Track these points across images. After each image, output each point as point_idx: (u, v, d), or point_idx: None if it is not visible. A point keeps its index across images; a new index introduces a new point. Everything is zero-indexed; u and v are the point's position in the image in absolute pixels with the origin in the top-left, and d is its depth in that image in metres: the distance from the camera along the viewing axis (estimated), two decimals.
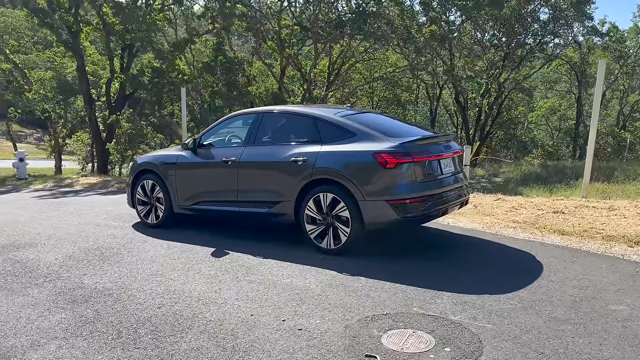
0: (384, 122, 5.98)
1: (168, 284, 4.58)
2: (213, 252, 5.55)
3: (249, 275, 4.76)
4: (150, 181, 6.78)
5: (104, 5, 18.84)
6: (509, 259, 5.26)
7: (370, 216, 5.07)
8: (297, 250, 5.51)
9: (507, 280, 4.57)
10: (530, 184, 20.51)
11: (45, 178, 14.56)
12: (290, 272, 4.85)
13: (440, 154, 5.36)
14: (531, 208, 7.75)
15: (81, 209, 8.65)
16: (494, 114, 32.29)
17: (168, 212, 6.64)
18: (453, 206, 5.52)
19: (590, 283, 4.49)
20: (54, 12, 18.60)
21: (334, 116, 5.54)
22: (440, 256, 5.36)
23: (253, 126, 6.02)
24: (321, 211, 5.33)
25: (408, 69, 27.67)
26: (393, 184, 5.00)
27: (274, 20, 23.47)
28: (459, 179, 5.71)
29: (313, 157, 5.35)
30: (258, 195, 5.82)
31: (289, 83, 32.04)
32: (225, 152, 6.12)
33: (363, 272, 4.77)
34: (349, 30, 22.57)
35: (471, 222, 6.97)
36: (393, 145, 5.03)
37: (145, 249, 5.76)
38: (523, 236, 6.17)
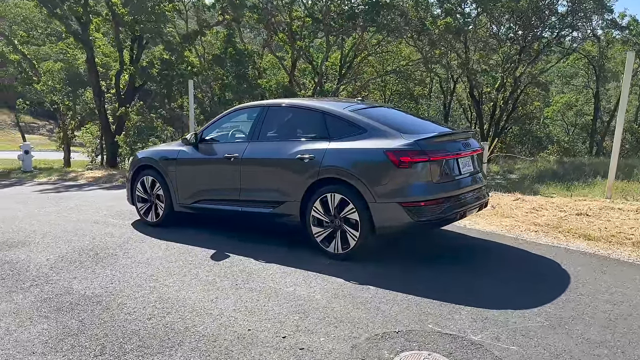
0: (397, 117, 5.58)
1: (162, 291, 4.23)
2: (213, 255, 5.20)
3: (250, 282, 4.40)
4: (150, 177, 6.44)
5: None
6: (531, 268, 4.84)
7: (381, 219, 4.68)
8: (302, 254, 5.15)
9: (531, 292, 4.16)
10: (547, 182, 19.95)
11: (50, 171, 14.32)
12: (293, 279, 4.48)
13: (459, 152, 4.95)
14: (553, 209, 7.30)
15: (82, 204, 8.36)
16: (509, 108, 31.64)
17: (168, 210, 6.31)
18: (471, 209, 5.11)
19: (625, 297, 4.07)
20: (63, 3, 18.35)
21: (343, 110, 5.15)
22: (457, 262, 4.96)
23: (257, 121, 5.65)
24: (328, 213, 4.96)
25: (422, 62, 27.08)
26: (407, 184, 4.60)
27: (285, 12, 23.02)
28: (478, 180, 5.30)
29: (320, 154, 4.97)
30: (261, 194, 5.46)
31: (301, 76, 31.62)
32: (227, 148, 5.76)
33: (372, 281, 4.39)
34: (361, 22, 22.08)
35: (489, 224, 6.55)
36: (407, 143, 4.63)
37: (142, 250, 5.43)
38: (546, 241, 5.75)
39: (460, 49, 28.53)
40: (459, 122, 39.23)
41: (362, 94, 35.32)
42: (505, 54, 29.00)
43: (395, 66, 31.08)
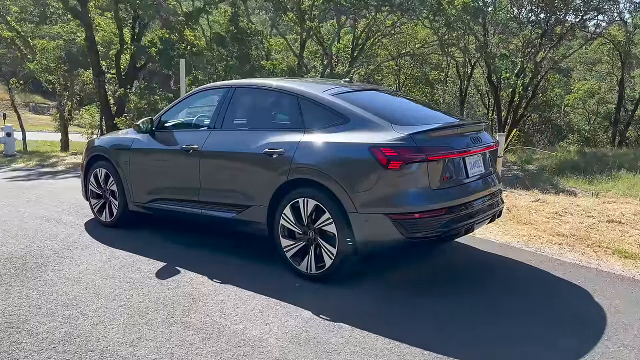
0: (390, 103, 4.53)
1: (75, 324, 3.28)
2: (159, 270, 4.24)
3: (190, 314, 3.43)
4: (103, 170, 5.48)
5: None
6: (555, 299, 3.79)
7: (363, 234, 3.66)
8: (270, 272, 4.17)
9: (556, 340, 3.13)
10: (567, 174, 18.68)
11: (31, 156, 13.46)
12: (248, 310, 3.50)
13: (467, 149, 3.89)
14: (578, 214, 6.21)
15: (45, 195, 7.44)
16: (529, 95, 30.15)
17: (122, 209, 5.35)
18: (481, 221, 4.05)
19: None
20: None
21: (321, 94, 4.10)
22: (461, 290, 3.92)
23: (221, 105, 4.62)
24: (301, 222, 3.95)
25: (437, 45, 25.75)
26: (397, 191, 3.57)
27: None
28: (491, 183, 4.23)
29: (292, 149, 3.95)
30: (223, 195, 4.46)
31: (312, 59, 30.42)
32: (187, 138, 4.76)
33: (349, 315, 3.39)
34: (373, 1, 20.81)
35: (504, 232, 5.49)
36: (399, 137, 3.59)
37: (79, 260, 4.49)
38: (572, 258, 4.68)
39: (479, 32, 27.11)
40: (475, 109, 37.81)
41: (375, 77, 34.09)
42: (525, 37, 27.55)
43: (410, 49, 29.74)
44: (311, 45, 29.48)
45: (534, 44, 27.38)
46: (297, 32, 23.86)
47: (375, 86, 5.32)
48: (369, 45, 27.31)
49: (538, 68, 28.15)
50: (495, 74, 28.63)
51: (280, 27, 25.99)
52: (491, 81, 29.14)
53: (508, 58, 28.56)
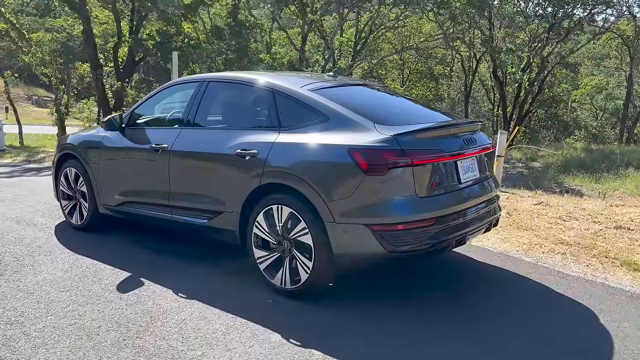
0: (376, 100, 4.13)
1: (14, 347, 2.92)
2: (122, 282, 3.87)
3: (145, 336, 3.06)
4: (73, 169, 5.12)
5: None
6: (556, 321, 3.39)
7: (342, 246, 3.28)
8: (241, 286, 3.79)
9: None
10: (573, 172, 18.23)
11: (20, 151, 13.14)
12: (210, 332, 3.12)
13: (459, 152, 3.49)
14: (584, 219, 5.80)
15: (22, 194, 7.10)
16: (535, 90, 29.58)
17: (93, 211, 4.99)
18: (475, 231, 3.66)
19: None
20: None
21: (299, 90, 3.70)
22: (450, 309, 3.53)
23: (193, 100, 4.23)
24: (275, 231, 3.57)
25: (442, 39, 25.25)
26: (379, 199, 3.18)
27: None
28: (487, 189, 3.83)
29: (265, 150, 3.56)
30: (194, 200, 4.08)
31: (314, 52, 29.96)
32: (157, 136, 4.38)
33: (323, 339, 3.02)
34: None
35: (502, 239, 5.09)
36: (382, 139, 3.19)
37: (39, 269, 4.13)
38: (576, 270, 4.28)
39: (484, 26, 26.55)
40: (480, 104, 37.27)
41: (378, 72, 33.58)
42: (532, 32, 26.99)
43: (414, 43, 29.21)
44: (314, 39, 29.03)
45: (541, 38, 26.83)
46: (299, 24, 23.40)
47: (363, 81, 4.91)
48: (372, 39, 26.84)
49: (545, 63, 27.61)
50: (501, 69, 28.10)
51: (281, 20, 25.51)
52: (496, 76, 28.60)
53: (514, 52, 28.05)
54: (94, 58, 18.81)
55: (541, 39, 26.62)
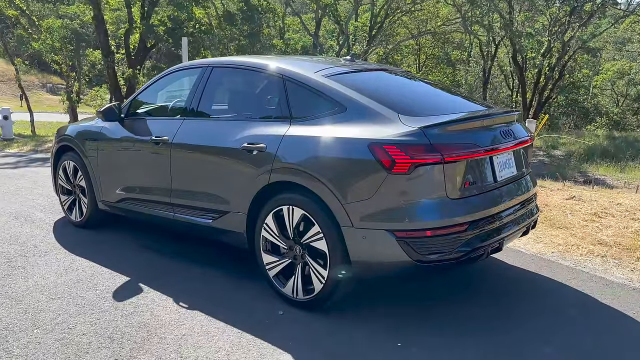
0: (399, 87, 3.69)
1: None
2: (119, 288, 3.54)
3: (139, 355, 2.71)
4: (72, 162, 4.79)
5: None
6: (605, 341, 2.97)
7: (361, 253, 2.89)
8: (250, 295, 3.43)
9: None
10: (597, 161, 17.61)
11: (27, 140, 12.90)
12: (211, 351, 2.76)
13: (495, 146, 3.06)
14: (621, 216, 5.34)
15: (25, 187, 6.81)
16: (555, 76, 28.72)
17: (92, 208, 4.66)
18: (512, 235, 3.24)
19: None
20: None
21: (312, 75, 3.29)
22: (480, 326, 3.13)
23: (196, 88, 3.85)
24: (286, 235, 3.20)
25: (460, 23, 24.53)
26: (404, 201, 2.77)
27: None
28: (525, 188, 3.40)
29: (275, 143, 3.17)
30: (197, 198, 3.72)
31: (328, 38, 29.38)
32: (158, 127, 4.01)
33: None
34: None
35: (536, 239, 4.66)
36: (408, 132, 2.78)
37: (32, 272, 3.81)
38: (620, 276, 3.85)
39: (504, 9, 25.73)
40: (499, 90, 36.43)
41: (394, 57, 32.89)
42: (553, 15, 26.13)
43: (431, 27, 28.47)
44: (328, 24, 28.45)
45: (562, 22, 25.96)
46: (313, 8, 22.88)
47: (383, 66, 4.46)
48: (387, 23, 26.18)
49: (565, 48, 26.74)
50: (521, 54, 27.31)
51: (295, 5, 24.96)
52: (516, 61, 27.81)
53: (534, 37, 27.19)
54: (106, 45, 18.51)
55: (562, 22, 25.75)
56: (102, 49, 18.93)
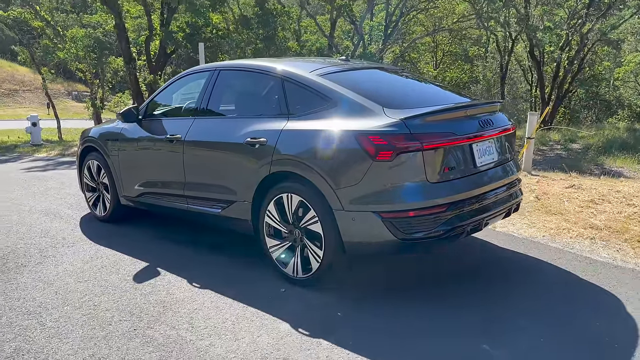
0: (388, 84, 4.00)
1: (30, 337, 2.99)
2: (139, 272, 3.92)
3: (156, 326, 3.08)
4: (95, 162, 5.21)
5: None
6: (580, 310, 3.23)
7: (351, 234, 3.21)
8: (256, 276, 3.77)
9: None
10: (614, 153, 17.52)
11: (54, 145, 13.53)
12: (220, 322, 3.11)
13: (474, 134, 3.35)
14: (617, 202, 5.53)
15: (53, 187, 7.29)
16: (574, 69, 28.47)
17: (115, 203, 5.06)
18: (493, 217, 3.52)
19: None
20: None
21: (307, 75, 3.62)
22: (466, 301, 3.41)
23: (205, 89, 4.22)
24: (286, 220, 3.53)
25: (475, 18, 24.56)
26: (388, 185, 3.08)
27: None
28: (507, 172, 3.68)
29: (274, 137, 3.51)
30: (207, 189, 4.08)
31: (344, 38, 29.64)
32: (172, 126, 4.39)
33: (330, 329, 2.97)
34: None
35: (529, 224, 4.91)
36: (390, 123, 3.09)
37: (61, 260, 4.22)
38: (605, 256, 4.08)
39: (520, 4, 25.66)
40: (518, 85, 36.20)
41: (411, 55, 33.01)
42: (571, 8, 25.92)
43: (447, 24, 28.53)
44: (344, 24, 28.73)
45: (580, 14, 25.75)
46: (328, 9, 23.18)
47: (377, 64, 4.78)
48: (403, 22, 26.35)
49: (584, 40, 26.51)
50: (538, 48, 27.16)
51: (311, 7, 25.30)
52: (533, 56, 27.65)
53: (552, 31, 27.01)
54: (127, 52, 19.13)
55: (580, 15, 25.55)
56: (124, 57, 19.57)
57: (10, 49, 44.64)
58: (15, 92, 49.41)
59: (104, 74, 20.17)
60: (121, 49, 19.59)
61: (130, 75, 19.13)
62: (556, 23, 26.23)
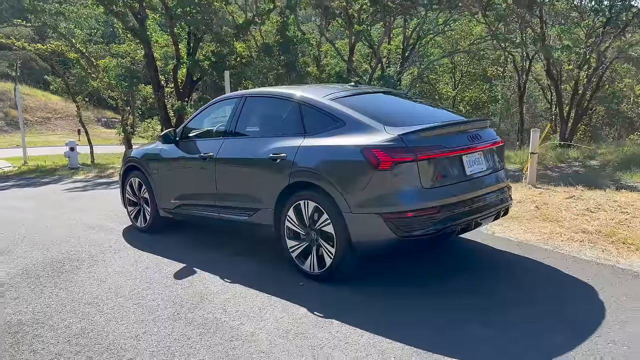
0: (389, 105, 4.60)
1: (91, 320, 3.61)
2: (178, 272, 4.53)
3: (194, 311, 3.67)
4: (137, 179, 5.90)
5: None
6: (556, 297, 3.73)
7: (358, 234, 3.78)
8: (278, 273, 4.36)
9: (539, 338, 3.11)
10: (633, 169, 17.69)
11: (92, 168, 14.42)
12: (248, 307, 3.70)
13: (464, 147, 3.91)
14: (612, 210, 5.98)
15: (94, 205, 8.03)
16: (593, 87, 28.68)
17: (155, 215, 5.72)
18: (483, 218, 4.06)
19: None
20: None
21: (321, 99, 4.25)
22: (461, 289, 3.94)
23: (234, 113, 4.89)
24: (303, 224, 4.12)
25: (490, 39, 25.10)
26: (388, 191, 3.66)
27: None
28: (496, 180, 4.22)
29: (292, 153, 4.13)
30: (236, 199, 4.71)
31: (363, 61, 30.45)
32: (205, 146, 5.06)
33: (342, 312, 3.52)
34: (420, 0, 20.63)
35: (526, 230, 5.39)
36: (389, 138, 3.68)
37: (110, 263, 4.87)
38: (590, 255, 4.56)
39: (536, 24, 26.12)
40: (537, 104, 36.43)
41: (429, 77, 33.64)
42: (588, 27, 26.26)
43: (464, 46, 29.14)
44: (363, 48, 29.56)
45: (597, 32, 26.05)
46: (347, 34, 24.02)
47: (383, 89, 5.41)
48: (421, 44, 27.05)
49: (601, 58, 26.76)
50: (555, 67, 27.50)
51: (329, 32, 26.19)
52: (551, 74, 27.98)
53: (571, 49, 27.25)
54: (156, 80, 20.18)
55: (598, 34, 25.87)
56: (153, 84, 20.63)
57: (44, 79, 46.66)
58: (48, 119, 51.40)
59: (134, 101, 21.23)
60: (150, 77, 20.67)
61: (159, 102, 20.13)
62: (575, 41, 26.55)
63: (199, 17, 18.20)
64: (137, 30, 19.07)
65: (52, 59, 21.76)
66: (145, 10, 18.90)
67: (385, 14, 21.47)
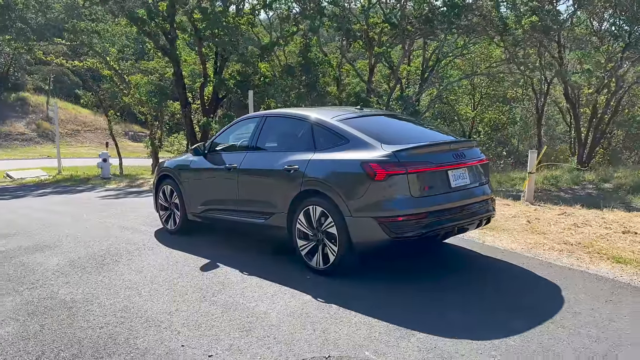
0: (388, 126, 5.30)
1: (132, 300, 4.34)
2: (204, 265, 5.26)
3: (217, 295, 4.39)
4: (169, 186, 6.67)
5: (195, 12, 19.55)
6: (526, 293, 4.35)
7: (357, 234, 4.46)
8: (292, 267, 5.05)
9: (503, 322, 3.73)
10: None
11: (122, 178, 15.38)
12: (262, 294, 4.39)
13: (450, 163, 4.59)
14: (597, 226, 6.54)
15: (127, 210, 8.85)
16: (612, 111, 28.94)
17: (183, 218, 6.48)
18: (467, 224, 4.71)
19: (611, 334, 3.52)
20: (152, 20, 19.57)
21: (330, 120, 4.99)
22: (447, 285, 4.58)
23: (255, 131, 5.65)
24: (312, 226, 4.82)
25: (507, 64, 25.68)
26: (382, 198, 4.34)
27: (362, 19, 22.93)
28: (480, 192, 4.87)
29: (304, 165, 4.85)
30: (255, 205, 5.44)
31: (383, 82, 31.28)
32: (230, 158, 5.81)
33: (340, 299, 4.19)
34: (439, 25, 21.40)
35: (513, 241, 6.00)
36: (384, 154, 4.38)
37: (145, 258, 5.63)
38: (565, 262, 5.15)
39: (554, 48, 26.64)
40: (554, 127, 36.71)
41: (449, 98, 34.26)
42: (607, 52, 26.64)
43: (483, 69, 29.77)
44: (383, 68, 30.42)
45: (616, 58, 26.42)
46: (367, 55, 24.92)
47: (385, 112, 6.13)
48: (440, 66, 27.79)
49: (620, 83, 27.08)
50: (573, 91, 27.88)
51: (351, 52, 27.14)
52: (568, 98, 28.38)
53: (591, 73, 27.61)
54: (184, 97, 21.26)
55: (617, 59, 26.25)
56: (181, 101, 21.72)
57: (75, 93, 48.51)
58: (77, 132, 53.22)
59: (162, 116, 22.35)
60: (178, 93, 21.78)
61: (186, 118, 21.18)
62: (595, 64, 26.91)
63: (226, 39, 19.21)
64: (168, 49, 20.20)
65: (86, 74, 23.08)
66: (175, 31, 20.03)
67: (404, 37, 22.24)
